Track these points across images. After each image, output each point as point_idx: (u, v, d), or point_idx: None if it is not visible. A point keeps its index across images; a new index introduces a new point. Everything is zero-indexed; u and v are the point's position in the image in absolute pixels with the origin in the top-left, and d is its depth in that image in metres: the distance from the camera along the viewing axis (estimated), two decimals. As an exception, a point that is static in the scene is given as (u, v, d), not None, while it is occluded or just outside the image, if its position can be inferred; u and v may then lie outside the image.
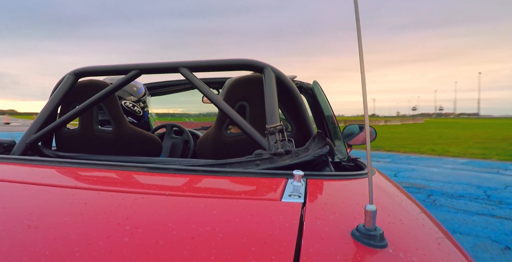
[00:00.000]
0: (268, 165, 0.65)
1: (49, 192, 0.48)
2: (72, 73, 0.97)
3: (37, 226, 0.36)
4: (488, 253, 2.47)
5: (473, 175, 5.70)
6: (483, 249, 2.54)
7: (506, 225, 3.09)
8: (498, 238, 2.77)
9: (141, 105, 1.47)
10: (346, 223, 0.38)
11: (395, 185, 0.76)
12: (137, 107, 1.44)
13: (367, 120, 0.39)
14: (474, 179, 5.31)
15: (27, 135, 0.88)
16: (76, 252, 0.31)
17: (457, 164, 7.03)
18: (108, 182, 0.58)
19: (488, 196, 4.18)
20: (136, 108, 1.43)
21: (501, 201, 3.94)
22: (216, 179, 0.57)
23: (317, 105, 1.48)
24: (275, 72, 0.84)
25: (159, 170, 0.60)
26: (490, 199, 4.03)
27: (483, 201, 3.97)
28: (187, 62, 0.88)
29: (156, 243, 0.32)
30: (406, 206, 0.59)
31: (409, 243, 0.38)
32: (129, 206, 0.42)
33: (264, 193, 0.49)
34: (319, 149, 0.64)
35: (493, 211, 3.53)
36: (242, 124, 0.78)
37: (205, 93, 0.85)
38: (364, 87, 0.36)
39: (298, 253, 0.31)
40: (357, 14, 0.36)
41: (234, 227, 0.36)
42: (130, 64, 0.93)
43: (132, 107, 1.42)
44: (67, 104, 1.03)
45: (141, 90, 1.49)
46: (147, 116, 1.54)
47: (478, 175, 5.74)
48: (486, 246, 2.60)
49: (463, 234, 2.86)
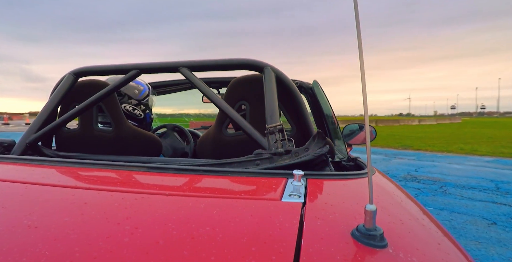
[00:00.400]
0: (268, 164, 0.65)
1: (49, 192, 0.48)
2: (72, 73, 0.97)
3: (37, 226, 0.36)
4: (475, 226, 2.97)
5: (492, 171, 5.91)
6: (472, 223, 3.03)
7: (503, 209, 3.54)
8: (490, 217, 3.25)
9: (142, 108, 1.44)
10: (346, 223, 0.38)
11: (395, 185, 0.76)
12: (137, 110, 1.41)
13: (367, 120, 0.39)
14: (492, 174, 5.57)
15: (27, 135, 0.88)
16: (76, 252, 0.31)
17: (481, 161, 7.20)
18: (108, 182, 0.58)
19: (498, 188, 4.52)
20: (137, 111, 1.41)
21: (508, 192, 4.27)
22: (216, 179, 0.57)
23: (317, 105, 1.49)
24: (275, 72, 0.85)
25: (159, 170, 0.60)
26: (498, 191, 4.37)
27: (491, 191, 4.34)
28: (187, 62, 0.88)
29: (156, 243, 0.32)
30: (406, 206, 0.59)
31: (409, 243, 0.38)
32: (129, 206, 0.42)
33: (264, 193, 0.49)
34: (319, 149, 0.65)
35: (496, 199, 3.92)
36: (242, 124, 0.78)
37: (205, 93, 0.85)
38: (364, 87, 0.36)
39: (298, 253, 0.31)
40: (357, 14, 0.36)
41: (234, 227, 0.36)
42: (130, 64, 0.93)
43: (132, 111, 1.39)
44: (67, 104, 1.03)
45: (143, 92, 1.44)
46: (149, 118, 1.51)
47: (498, 171, 5.95)
48: (476, 221, 3.10)
49: (460, 213, 3.33)
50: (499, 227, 2.98)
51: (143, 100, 1.43)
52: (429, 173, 5.71)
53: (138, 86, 1.43)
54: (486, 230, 2.90)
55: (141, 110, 1.43)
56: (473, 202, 3.80)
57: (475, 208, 3.58)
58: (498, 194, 4.21)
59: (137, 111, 1.41)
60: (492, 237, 2.73)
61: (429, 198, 4.00)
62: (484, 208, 3.58)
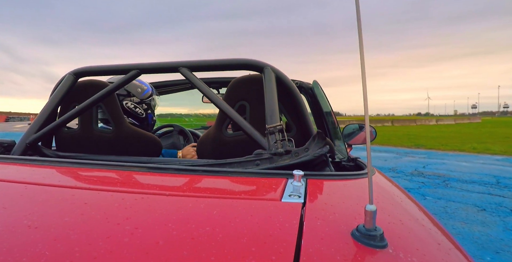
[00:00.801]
0: (268, 164, 0.65)
1: (49, 192, 0.48)
2: (72, 73, 0.97)
3: (37, 226, 0.36)
4: (466, 211, 3.37)
5: (498, 169, 6.10)
6: (464, 210, 3.43)
7: (496, 199, 3.88)
8: (481, 205, 3.62)
9: (144, 107, 1.44)
10: (346, 223, 0.38)
11: (395, 185, 0.77)
12: (139, 109, 1.41)
13: (367, 120, 0.39)
14: (496, 171, 5.79)
15: (27, 135, 0.88)
16: (76, 252, 0.31)
17: (490, 160, 7.37)
18: (108, 182, 0.58)
19: (498, 183, 4.78)
20: (138, 109, 1.41)
21: (507, 186, 4.54)
22: (216, 179, 0.57)
23: (317, 105, 1.50)
24: (275, 72, 0.85)
25: (159, 170, 0.61)
26: (498, 185, 4.64)
27: (491, 185, 4.65)
28: (187, 62, 0.89)
29: (156, 243, 0.32)
30: (406, 206, 0.59)
31: (409, 243, 0.38)
32: (129, 206, 0.42)
33: (264, 193, 0.50)
34: (319, 149, 0.65)
35: (492, 192, 4.24)
36: (242, 124, 0.78)
37: (205, 93, 0.85)
38: (364, 87, 0.37)
39: (298, 253, 0.31)
40: (358, 14, 0.36)
41: (234, 227, 0.36)
42: (130, 64, 0.93)
43: (133, 109, 1.40)
44: (67, 104, 1.03)
45: (146, 92, 1.45)
46: (151, 119, 1.51)
47: (504, 168, 6.13)
48: (467, 208, 3.50)
49: (455, 202, 3.71)
50: (487, 212, 3.37)
51: (145, 100, 1.45)
52: (435, 170, 5.97)
53: (142, 85, 1.45)
54: (474, 214, 3.32)
55: (142, 109, 1.44)
56: (470, 194, 4.15)
57: (471, 198, 3.93)
58: (496, 188, 4.52)
59: (138, 109, 1.42)
60: (478, 219, 3.15)
61: (430, 190, 4.29)
62: (479, 198, 3.93)
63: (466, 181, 5.03)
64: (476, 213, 3.37)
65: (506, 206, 3.61)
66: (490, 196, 4.09)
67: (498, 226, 2.98)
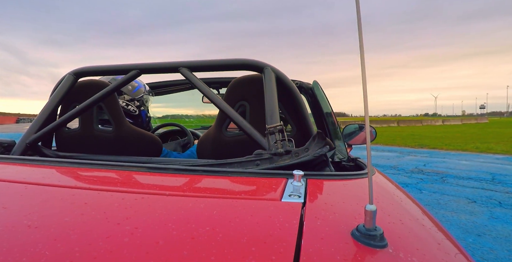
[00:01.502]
0: (268, 164, 0.65)
1: (49, 192, 0.48)
2: (72, 73, 0.97)
3: (37, 226, 0.36)
4: (457, 203, 3.64)
5: (497, 167, 6.24)
6: (456, 202, 3.69)
7: (488, 193, 4.13)
8: (473, 198, 3.88)
9: (136, 104, 1.43)
10: (346, 223, 0.38)
11: (395, 185, 0.76)
12: (131, 106, 1.41)
13: (367, 120, 0.39)
14: (494, 169, 5.95)
15: (27, 135, 0.88)
16: (76, 252, 0.31)
17: (491, 159, 7.49)
18: (108, 182, 0.58)
19: (493, 179, 4.96)
20: (131, 107, 1.41)
21: (501, 182, 4.72)
22: (216, 179, 0.57)
23: (317, 105, 1.50)
24: (275, 72, 0.85)
25: (159, 170, 0.61)
26: (492, 181, 4.81)
27: (485, 181, 4.87)
28: (187, 62, 0.89)
29: (156, 243, 0.32)
30: (406, 206, 0.59)
31: (409, 243, 0.38)
32: (129, 206, 0.42)
33: (264, 193, 0.49)
34: (319, 149, 0.65)
35: (486, 187, 4.48)
36: (242, 124, 0.78)
37: (205, 93, 0.85)
38: (364, 87, 0.37)
39: (298, 253, 0.31)
40: (358, 14, 0.36)
41: (234, 227, 0.36)
42: (130, 64, 0.93)
43: (125, 107, 1.40)
44: (67, 104, 1.03)
45: (137, 89, 1.45)
46: (145, 116, 1.50)
47: (503, 167, 6.26)
48: (459, 200, 3.78)
49: (449, 195, 3.95)
50: (477, 204, 3.64)
51: (137, 97, 1.44)
52: (435, 167, 6.15)
53: (133, 83, 1.44)
54: (465, 205, 3.62)
55: (135, 106, 1.43)
56: (464, 188, 4.41)
57: (464, 192, 4.20)
58: (491, 183, 4.75)
59: (130, 107, 1.42)
60: (467, 209, 3.44)
61: (427, 185, 4.59)
62: (472, 192, 4.20)
63: (462, 177, 5.29)
64: (467, 205, 3.67)
65: (495, 199, 3.89)
66: (483, 190, 4.36)
67: (484, 215, 3.28)
